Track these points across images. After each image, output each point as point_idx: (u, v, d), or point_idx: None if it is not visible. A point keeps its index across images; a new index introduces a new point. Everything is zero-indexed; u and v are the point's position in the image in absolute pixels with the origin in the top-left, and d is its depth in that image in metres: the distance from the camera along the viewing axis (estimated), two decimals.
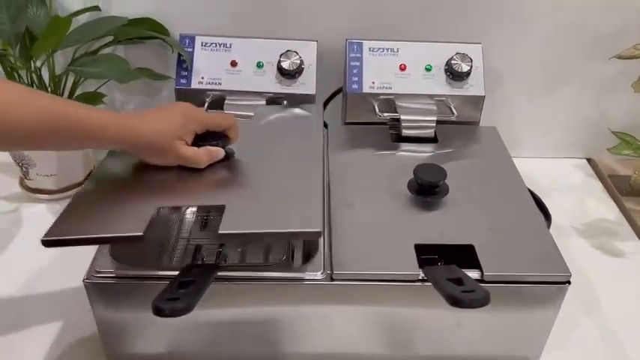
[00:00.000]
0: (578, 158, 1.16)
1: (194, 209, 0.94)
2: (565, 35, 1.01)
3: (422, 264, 0.66)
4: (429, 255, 0.68)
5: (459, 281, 0.56)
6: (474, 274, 0.65)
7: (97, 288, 0.64)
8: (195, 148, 0.68)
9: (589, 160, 1.16)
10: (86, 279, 0.64)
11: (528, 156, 1.12)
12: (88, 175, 1.02)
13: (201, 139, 0.69)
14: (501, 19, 0.99)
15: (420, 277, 0.65)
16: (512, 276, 0.65)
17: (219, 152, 0.70)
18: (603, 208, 1.03)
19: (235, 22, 0.97)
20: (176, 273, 0.61)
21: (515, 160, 0.86)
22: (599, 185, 1.10)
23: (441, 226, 0.72)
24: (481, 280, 0.65)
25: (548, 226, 0.80)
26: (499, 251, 0.68)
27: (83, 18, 0.97)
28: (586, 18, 0.99)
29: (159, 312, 0.50)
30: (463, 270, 0.63)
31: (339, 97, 1.00)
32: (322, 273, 0.65)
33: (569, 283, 0.65)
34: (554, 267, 0.66)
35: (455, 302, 0.50)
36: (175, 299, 0.52)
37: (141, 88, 1.07)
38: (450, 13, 0.98)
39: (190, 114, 0.68)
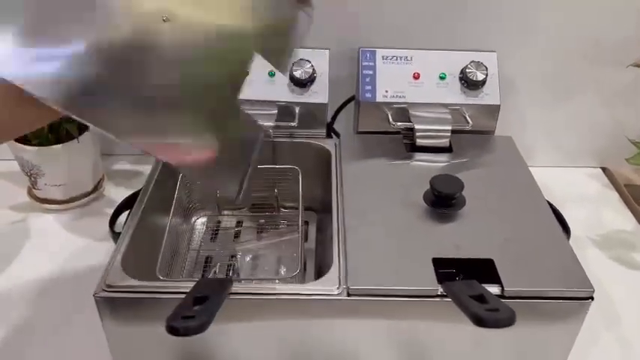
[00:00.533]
0: (592, 167, 1.14)
1: (204, 220, 0.94)
2: (579, 44, 0.99)
3: (440, 279, 0.64)
4: (446, 269, 0.67)
5: (481, 298, 0.54)
6: (493, 289, 0.63)
7: (108, 302, 0.63)
8: None
9: (604, 170, 1.14)
10: (97, 293, 0.63)
11: (542, 165, 1.10)
12: (98, 184, 1.01)
13: None
14: (515, 28, 0.98)
15: (439, 293, 0.63)
16: (534, 291, 0.64)
17: None
18: (620, 218, 1.01)
19: None
20: (189, 287, 0.60)
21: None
22: (615, 195, 1.08)
23: (459, 239, 0.70)
24: (501, 296, 0.63)
25: (567, 239, 0.78)
26: (519, 265, 0.66)
27: None
28: (600, 26, 0.98)
29: (173, 331, 0.48)
30: (483, 285, 0.62)
31: (351, 105, 0.99)
32: (338, 288, 0.64)
33: (592, 298, 0.64)
34: (577, 282, 0.64)
35: (479, 322, 0.49)
36: (190, 317, 0.50)
37: None
38: (463, 21, 0.97)
39: None
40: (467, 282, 0.61)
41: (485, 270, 0.66)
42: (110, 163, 1.10)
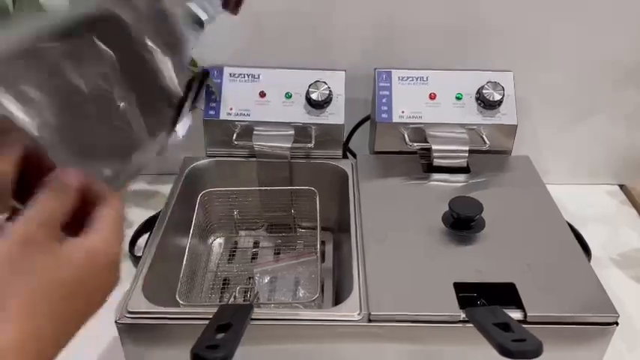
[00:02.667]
0: (610, 184, 1.13)
1: (221, 241, 0.94)
2: (596, 63, 0.99)
3: (462, 303, 0.64)
4: (467, 292, 0.66)
5: (505, 326, 0.54)
6: (516, 314, 0.63)
7: (129, 329, 0.63)
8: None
9: (621, 187, 1.13)
10: (119, 319, 0.63)
11: (559, 182, 1.09)
12: None
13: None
14: (531, 48, 0.98)
15: (461, 318, 0.62)
16: (557, 317, 0.63)
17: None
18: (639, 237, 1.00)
19: (263, 52, 0.97)
20: (210, 312, 0.60)
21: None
22: (633, 212, 1.07)
23: (479, 263, 0.70)
24: (524, 321, 0.63)
25: (588, 260, 0.77)
26: (541, 289, 0.66)
27: None
28: (617, 46, 0.98)
29: None
30: (505, 308, 0.61)
31: (365, 125, 0.99)
32: (359, 314, 0.63)
33: (616, 324, 0.63)
34: (601, 307, 0.64)
35: (506, 353, 0.48)
36: (215, 347, 0.50)
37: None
38: (479, 42, 0.97)
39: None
40: (490, 308, 0.60)
41: (506, 294, 0.66)
42: None
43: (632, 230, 1.02)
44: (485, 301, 0.66)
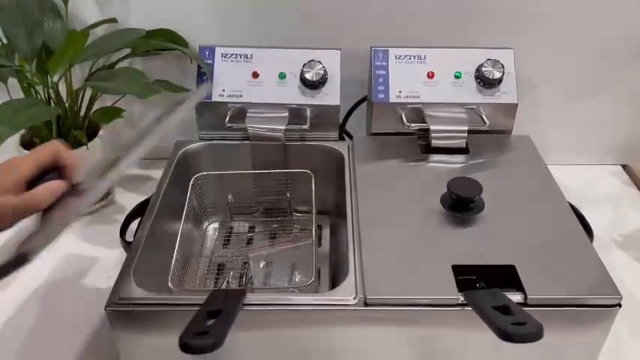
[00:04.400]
0: (613, 165, 1.11)
1: (216, 226, 0.92)
2: (599, 39, 0.97)
3: (460, 286, 0.62)
4: (466, 275, 0.65)
5: (505, 310, 0.52)
6: (516, 296, 0.61)
7: (119, 316, 0.61)
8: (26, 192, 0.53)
9: (624, 167, 1.11)
10: (108, 306, 0.61)
11: (561, 163, 1.07)
12: (108, 190, 1.00)
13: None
14: (532, 24, 0.95)
15: (460, 302, 0.61)
16: (558, 299, 0.61)
17: (58, 185, 0.54)
18: None
19: (256, 31, 0.94)
20: (202, 299, 0.58)
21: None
22: (636, 192, 1.05)
23: (479, 245, 0.68)
24: (524, 304, 0.61)
25: (591, 242, 0.75)
26: (542, 271, 0.64)
27: (100, 30, 0.95)
28: (622, 22, 0.95)
29: (187, 349, 0.47)
30: (504, 291, 0.60)
31: (363, 106, 0.97)
32: (355, 297, 0.62)
33: (619, 305, 0.61)
34: (604, 289, 0.62)
35: (506, 337, 0.47)
36: (204, 333, 0.49)
37: (160, 101, 1.03)
38: (478, 18, 0.94)
39: (5, 165, 0.54)
40: (490, 291, 0.58)
41: (506, 276, 0.64)
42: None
43: (634, 211, 1.00)
44: (485, 284, 0.64)
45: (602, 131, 1.07)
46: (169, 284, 0.67)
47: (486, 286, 0.64)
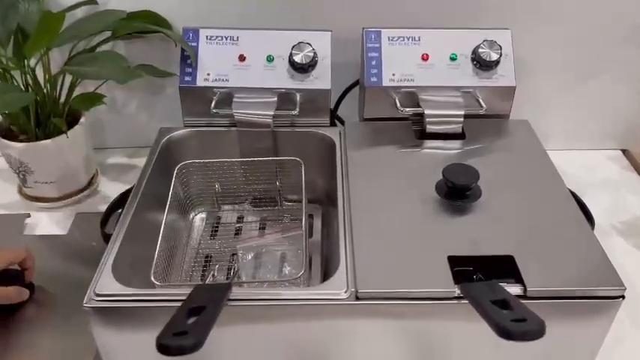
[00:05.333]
0: (612, 149, 1.08)
1: (203, 216, 0.89)
2: (600, 20, 0.93)
3: (457, 278, 0.59)
4: (463, 266, 0.62)
5: (504, 304, 0.49)
6: (515, 288, 0.58)
7: (98, 313, 0.58)
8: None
9: (624, 152, 1.08)
10: (86, 303, 0.58)
11: (560, 148, 1.04)
12: (91, 179, 0.97)
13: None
14: (530, 3, 0.91)
15: (456, 294, 0.58)
16: (559, 291, 0.58)
17: (25, 293, 0.73)
18: None
19: (243, 12, 0.90)
20: (185, 294, 0.55)
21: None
22: (636, 177, 1.02)
23: (475, 234, 0.65)
24: (524, 296, 0.58)
25: (592, 230, 0.73)
26: (542, 262, 0.61)
27: (80, 12, 0.90)
28: (623, 4, 0.91)
29: (164, 351, 0.44)
30: (503, 283, 0.57)
31: (355, 90, 0.93)
32: (346, 291, 0.59)
33: (622, 297, 0.58)
34: (607, 280, 0.59)
35: (505, 334, 0.44)
36: (183, 333, 0.46)
37: (143, 86, 1.00)
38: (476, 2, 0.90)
39: None
40: (487, 283, 0.55)
41: (505, 267, 0.61)
42: (104, 157, 1.05)
43: (635, 196, 0.97)
44: (482, 275, 0.61)
45: (602, 115, 1.04)
46: (152, 278, 0.64)
47: (484, 278, 0.61)
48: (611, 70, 0.99)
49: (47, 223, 0.90)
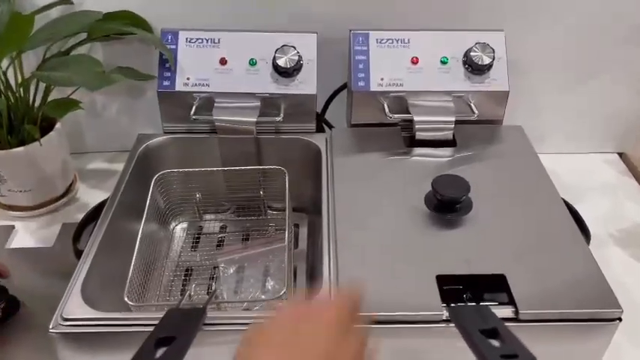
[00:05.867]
0: (609, 153, 1.05)
1: (184, 226, 0.85)
2: (595, 20, 0.90)
3: (446, 297, 0.56)
4: (452, 285, 0.59)
5: (494, 333, 0.46)
6: (506, 310, 0.56)
7: (65, 339, 0.55)
8: None
9: (621, 155, 1.05)
10: (53, 328, 0.55)
11: (555, 151, 1.01)
12: (69, 186, 0.93)
13: None
14: (524, 3, 0.87)
15: (444, 318, 0.55)
16: (552, 314, 0.55)
17: None
18: None
19: (224, 13, 0.86)
20: (158, 317, 0.52)
21: (539, 157, 0.77)
22: (633, 183, 0.99)
23: (466, 251, 0.62)
24: (515, 319, 0.55)
25: (587, 243, 0.70)
26: (535, 281, 0.58)
27: (55, 12, 0.86)
28: (619, 4, 0.88)
29: None
30: (494, 305, 0.54)
31: (343, 94, 0.90)
32: None
33: (619, 320, 0.55)
34: (602, 301, 0.56)
35: None
36: None
37: (124, 89, 0.96)
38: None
39: None
40: (478, 309, 0.53)
41: (496, 286, 0.58)
42: (83, 163, 1.01)
43: (632, 203, 0.94)
44: (472, 294, 0.58)
45: (598, 118, 1.01)
46: (125, 299, 0.61)
47: (473, 297, 0.58)
48: (607, 70, 0.95)
49: (22, 233, 0.86)
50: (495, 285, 0.58)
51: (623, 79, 0.96)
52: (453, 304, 0.56)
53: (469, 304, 0.57)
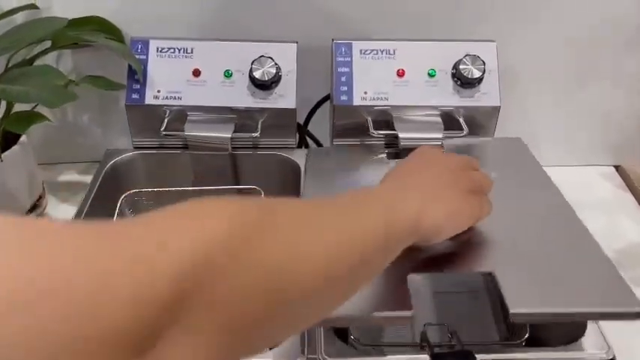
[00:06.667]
0: (605, 166, 1.01)
1: None
2: (592, 32, 0.85)
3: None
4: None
5: None
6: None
7: None
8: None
9: (617, 168, 1.01)
10: None
11: (549, 164, 0.97)
12: (37, 201, 0.88)
13: None
14: (516, 11, 0.83)
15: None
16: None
17: None
18: (638, 228, 0.88)
19: (197, 22, 0.81)
20: None
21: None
22: (630, 198, 0.95)
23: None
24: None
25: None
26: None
27: (19, 18, 0.81)
28: (615, 16, 0.84)
29: None
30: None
31: (325, 107, 0.85)
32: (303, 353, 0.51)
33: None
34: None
35: None
36: None
37: (95, 97, 0.91)
38: (457, 6, 0.82)
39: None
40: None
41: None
42: (53, 175, 0.96)
43: (630, 220, 0.90)
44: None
45: (594, 130, 0.97)
46: None
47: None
48: (602, 80, 0.91)
49: None
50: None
51: (618, 89, 0.92)
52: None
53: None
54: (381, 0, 0.81)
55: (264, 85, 0.75)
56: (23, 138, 0.82)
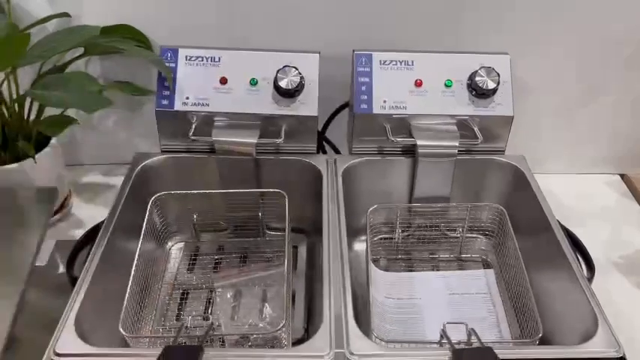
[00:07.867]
0: (610, 174, 1.04)
1: (181, 246, 0.84)
2: (598, 45, 0.89)
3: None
4: None
5: None
6: None
7: None
8: None
9: (622, 176, 1.04)
10: None
11: (556, 172, 1.00)
12: (64, 201, 0.91)
13: None
14: (530, 27, 0.86)
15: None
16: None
17: None
18: None
19: (225, 32, 0.85)
20: (154, 353, 0.50)
21: (539, 178, 0.77)
22: (635, 206, 0.98)
23: None
24: None
25: (591, 277, 0.68)
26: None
27: (51, 25, 0.84)
28: (621, 27, 0.87)
29: None
30: None
31: (344, 112, 0.88)
32: (329, 354, 0.54)
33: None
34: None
35: None
36: None
37: (121, 102, 0.94)
38: (472, 21, 0.85)
39: None
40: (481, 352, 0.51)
41: None
42: (78, 175, 0.99)
43: (635, 228, 0.93)
44: None
45: (600, 139, 1.00)
46: (120, 329, 0.59)
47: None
48: (608, 91, 0.94)
49: None
50: None
51: (622, 99, 0.95)
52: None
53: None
54: (400, 13, 0.84)
55: (288, 93, 0.78)
56: (54, 141, 0.85)
